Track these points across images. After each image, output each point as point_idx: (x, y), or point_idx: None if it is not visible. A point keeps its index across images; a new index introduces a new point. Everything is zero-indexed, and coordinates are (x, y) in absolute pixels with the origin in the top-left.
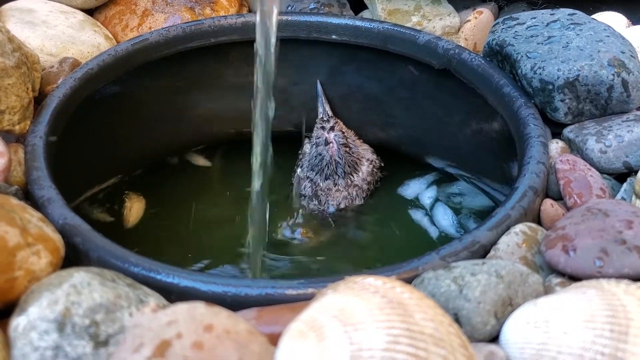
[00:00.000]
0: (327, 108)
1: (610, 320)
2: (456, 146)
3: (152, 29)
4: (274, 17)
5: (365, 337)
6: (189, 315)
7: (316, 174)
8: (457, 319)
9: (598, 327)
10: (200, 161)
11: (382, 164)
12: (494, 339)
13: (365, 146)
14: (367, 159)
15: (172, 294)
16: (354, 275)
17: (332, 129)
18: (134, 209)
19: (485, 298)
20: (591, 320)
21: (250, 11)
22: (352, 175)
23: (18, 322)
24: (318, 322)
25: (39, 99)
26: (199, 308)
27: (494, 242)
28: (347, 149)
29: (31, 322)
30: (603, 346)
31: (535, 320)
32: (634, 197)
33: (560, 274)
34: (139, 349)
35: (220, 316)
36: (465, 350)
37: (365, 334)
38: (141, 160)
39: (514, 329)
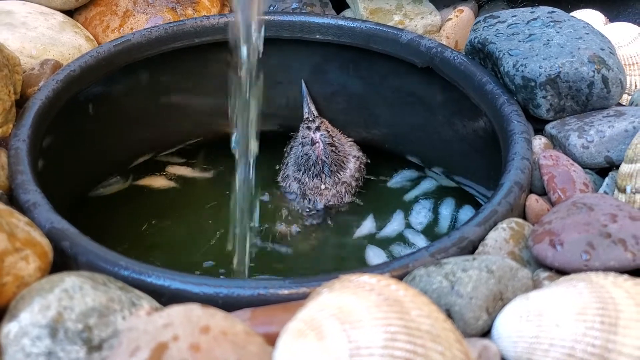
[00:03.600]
0: (313, 108)
1: (600, 313)
2: (439, 144)
3: (134, 30)
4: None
5: (363, 335)
6: (185, 317)
7: (303, 174)
8: (449, 315)
9: (589, 319)
10: (183, 160)
11: (369, 161)
12: (486, 333)
13: (351, 143)
14: (353, 156)
15: (163, 297)
16: (348, 274)
17: (317, 128)
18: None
19: (477, 293)
20: (582, 312)
21: (232, 11)
22: (339, 173)
23: (9, 329)
24: (317, 321)
25: (21, 102)
26: (195, 310)
27: (482, 238)
28: (333, 148)
29: (23, 328)
30: (594, 338)
31: (528, 314)
32: (616, 191)
33: (548, 268)
34: (135, 353)
35: (217, 317)
36: (461, 346)
37: (364, 331)
38: (125, 161)
39: (506, 323)
